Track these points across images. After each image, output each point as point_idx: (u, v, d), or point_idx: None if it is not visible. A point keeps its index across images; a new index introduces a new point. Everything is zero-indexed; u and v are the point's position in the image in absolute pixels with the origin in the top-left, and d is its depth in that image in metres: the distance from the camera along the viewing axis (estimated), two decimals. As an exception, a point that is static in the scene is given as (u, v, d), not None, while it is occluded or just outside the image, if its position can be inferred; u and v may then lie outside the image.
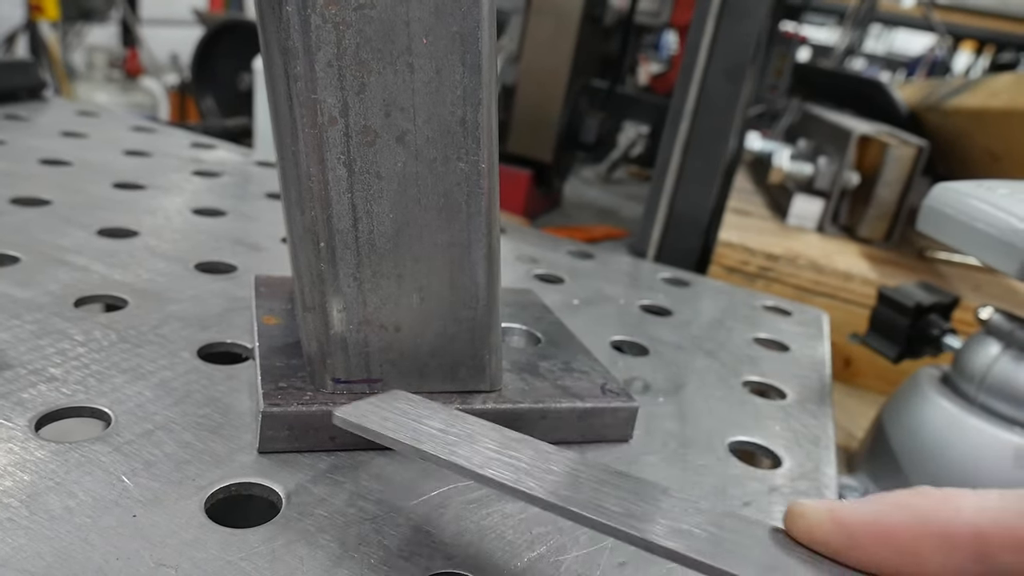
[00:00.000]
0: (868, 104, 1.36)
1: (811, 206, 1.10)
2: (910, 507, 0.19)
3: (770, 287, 0.94)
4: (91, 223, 0.49)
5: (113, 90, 2.48)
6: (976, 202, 0.52)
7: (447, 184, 0.28)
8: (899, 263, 1.02)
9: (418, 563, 0.25)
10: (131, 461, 0.27)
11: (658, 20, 1.47)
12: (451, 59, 0.27)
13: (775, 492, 0.33)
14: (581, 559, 0.26)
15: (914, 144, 1.01)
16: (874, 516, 0.20)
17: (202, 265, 0.46)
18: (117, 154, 0.67)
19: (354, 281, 0.29)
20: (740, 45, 0.68)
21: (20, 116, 0.74)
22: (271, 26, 0.25)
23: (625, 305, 0.53)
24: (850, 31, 2.26)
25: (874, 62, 4.06)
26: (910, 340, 0.64)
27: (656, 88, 1.78)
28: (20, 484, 0.25)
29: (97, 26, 2.75)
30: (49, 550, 0.23)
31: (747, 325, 0.53)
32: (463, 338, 0.31)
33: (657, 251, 0.74)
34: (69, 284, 0.40)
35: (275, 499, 0.27)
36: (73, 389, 0.31)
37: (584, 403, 0.33)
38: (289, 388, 0.30)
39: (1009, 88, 1.08)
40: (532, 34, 1.19)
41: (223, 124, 1.41)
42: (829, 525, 0.20)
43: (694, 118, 0.71)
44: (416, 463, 0.30)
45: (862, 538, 0.19)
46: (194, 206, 0.56)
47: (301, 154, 0.27)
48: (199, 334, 0.37)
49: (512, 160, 1.25)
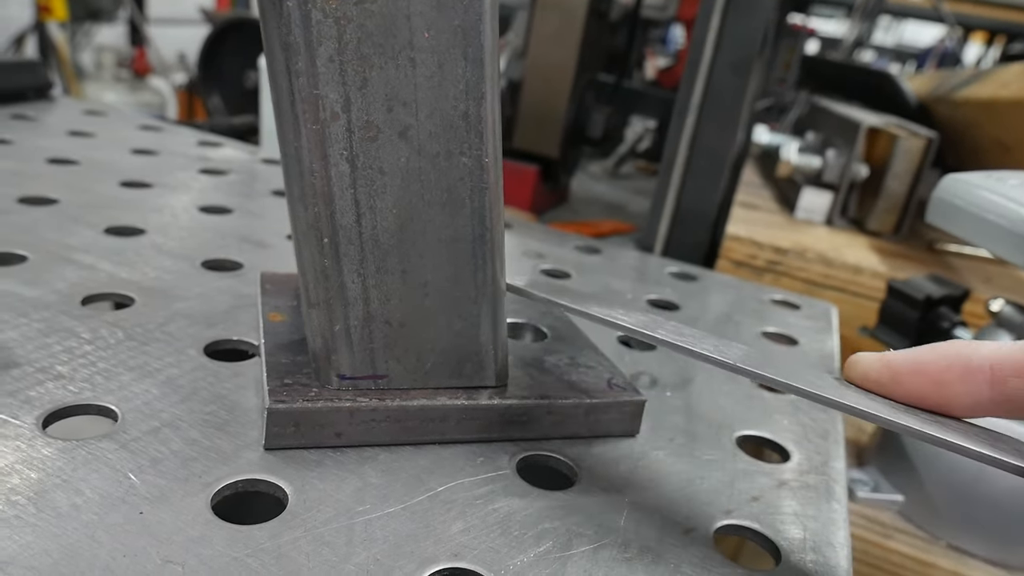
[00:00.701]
0: (877, 96, 1.35)
1: (820, 199, 1.09)
2: (940, 349, 0.24)
3: (778, 281, 0.93)
4: (98, 222, 0.49)
5: (122, 89, 2.49)
6: (986, 193, 0.51)
7: (450, 179, 0.28)
8: (909, 256, 1.01)
9: (424, 559, 0.25)
10: (138, 458, 0.27)
11: (665, 14, 1.47)
12: (453, 53, 0.26)
13: (784, 486, 0.33)
14: (587, 554, 0.26)
15: (923, 136, 1.01)
16: (913, 357, 0.25)
17: (209, 263, 0.46)
18: (124, 153, 0.67)
19: (358, 277, 0.29)
20: (747, 38, 0.67)
21: (28, 116, 0.75)
22: (272, 22, 0.25)
23: (632, 300, 0.53)
24: (859, 23, 2.24)
25: (883, 54, 4.04)
26: (920, 333, 0.64)
27: (663, 82, 1.78)
28: (27, 481, 0.25)
29: (105, 26, 2.77)
30: (56, 547, 0.23)
31: (755, 319, 0.53)
32: (468, 333, 0.31)
33: (664, 245, 0.74)
34: (76, 282, 0.40)
35: (281, 495, 0.27)
36: (80, 387, 0.31)
37: (591, 398, 0.33)
38: (295, 385, 0.30)
39: (1020, 78, 1.07)
40: (538, 29, 1.19)
41: (230, 122, 1.41)
42: (878, 365, 0.25)
43: (701, 112, 0.70)
44: (420, 458, 0.30)
45: (903, 374, 0.25)
46: (201, 204, 0.56)
47: (303, 150, 0.26)
48: (205, 331, 0.37)
49: (519, 156, 1.25)
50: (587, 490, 0.30)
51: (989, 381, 0.23)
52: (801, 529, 0.30)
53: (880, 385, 0.25)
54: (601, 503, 0.29)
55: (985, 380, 0.23)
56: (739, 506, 0.31)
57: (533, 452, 0.32)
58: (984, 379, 0.23)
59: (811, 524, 0.30)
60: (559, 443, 0.33)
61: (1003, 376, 0.23)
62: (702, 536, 0.28)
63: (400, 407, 0.30)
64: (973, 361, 0.24)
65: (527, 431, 0.33)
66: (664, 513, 0.29)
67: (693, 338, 0.29)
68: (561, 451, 0.32)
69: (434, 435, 0.31)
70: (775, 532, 0.29)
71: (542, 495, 0.29)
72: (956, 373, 0.24)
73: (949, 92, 1.21)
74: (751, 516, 0.30)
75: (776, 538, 0.29)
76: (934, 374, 0.24)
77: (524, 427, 0.32)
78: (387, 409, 0.30)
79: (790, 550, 0.29)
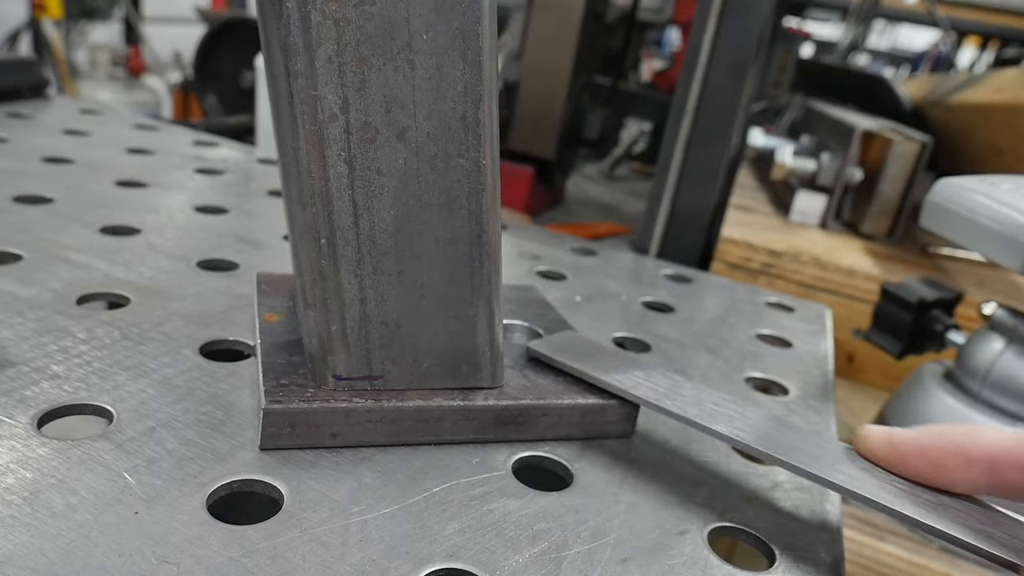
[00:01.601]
0: (872, 100, 1.36)
1: (814, 202, 1.10)
2: (945, 434, 0.26)
3: (773, 283, 0.93)
4: (93, 221, 0.49)
5: (116, 88, 2.48)
6: (979, 197, 0.52)
7: (448, 181, 0.28)
8: (902, 259, 1.02)
9: (420, 559, 0.25)
10: (133, 458, 0.27)
11: (661, 16, 1.47)
12: (452, 55, 0.27)
13: (777, 488, 0.33)
14: (583, 555, 0.26)
15: (917, 140, 1.01)
16: (916, 438, 0.27)
17: (204, 262, 0.46)
18: (120, 152, 0.67)
19: (355, 278, 0.29)
20: (743, 41, 0.68)
21: (23, 114, 0.75)
22: (271, 22, 0.25)
23: (627, 302, 0.53)
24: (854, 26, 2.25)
25: (878, 58, 4.06)
26: (913, 336, 0.64)
27: (659, 84, 1.78)
28: (22, 481, 0.25)
29: (100, 24, 2.76)
30: (51, 547, 0.23)
31: (750, 321, 0.53)
32: (465, 335, 0.31)
33: (659, 248, 0.74)
34: (71, 282, 0.40)
35: (277, 496, 0.27)
36: (75, 387, 0.31)
37: (586, 400, 0.33)
38: (291, 385, 0.30)
39: (1013, 83, 1.08)
40: (534, 31, 1.19)
41: (226, 122, 1.41)
42: (884, 443, 0.27)
43: (697, 114, 0.70)
44: (416, 459, 0.30)
45: (907, 454, 0.26)
46: (196, 204, 0.56)
47: (302, 151, 0.26)
48: (201, 331, 0.37)
49: (514, 157, 1.25)
50: (582, 491, 0.30)
51: (986, 472, 0.25)
52: (794, 531, 0.30)
53: (886, 463, 0.27)
54: (596, 504, 0.29)
55: (983, 471, 0.25)
56: (733, 508, 0.31)
57: (529, 453, 0.32)
58: (982, 470, 0.25)
59: (804, 526, 0.31)
60: (555, 444, 0.33)
61: (1000, 468, 0.25)
62: (696, 537, 0.29)
63: (396, 408, 0.30)
64: (973, 453, 0.25)
65: (523, 432, 0.33)
66: (659, 514, 0.30)
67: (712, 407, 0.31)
68: (557, 452, 0.33)
69: (430, 436, 0.31)
70: (769, 534, 0.30)
71: (537, 496, 0.29)
72: (956, 461, 0.26)
73: (943, 96, 1.22)
74: (745, 518, 0.30)
75: (770, 540, 0.29)
76: (936, 459, 0.26)
77: (520, 428, 0.32)
78: (383, 410, 0.30)
79: (784, 551, 0.29)
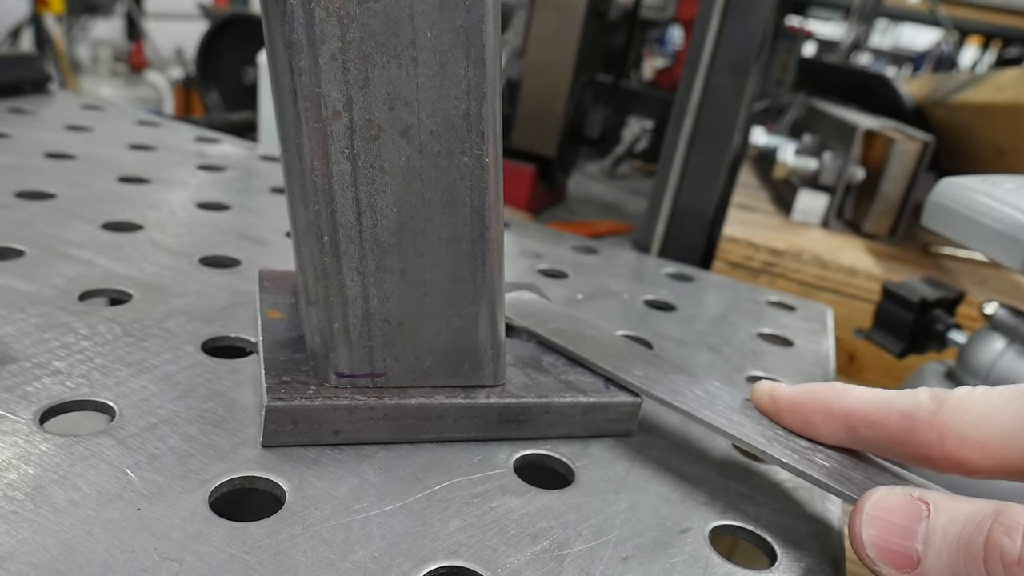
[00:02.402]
0: (874, 99, 1.36)
1: (816, 201, 1.09)
2: (814, 392, 0.29)
3: (774, 282, 0.93)
4: (96, 217, 0.49)
5: (118, 84, 2.48)
6: (981, 197, 0.52)
7: (451, 178, 0.28)
8: (904, 258, 1.02)
9: (421, 556, 0.25)
10: (135, 455, 0.27)
11: (663, 15, 1.47)
12: (455, 53, 0.27)
13: (778, 486, 0.33)
14: (584, 553, 0.27)
15: (919, 139, 1.01)
16: (792, 395, 0.30)
17: (206, 259, 0.46)
18: (122, 148, 0.67)
19: (358, 275, 0.29)
20: (745, 40, 0.68)
21: (25, 109, 0.75)
22: (275, 20, 0.25)
23: (629, 300, 0.53)
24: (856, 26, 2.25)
25: (880, 57, 4.05)
26: (914, 335, 0.64)
27: (661, 83, 1.78)
28: (25, 477, 0.25)
29: (102, 20, 2.76)
30: (54, 543, 0.23)
31: (751, 320, 0.53)
32: (467, 333, 0.31)
33: (661, 246, 0.74)
34: (73, 278, 0.40)
35: (279, 493, 0.27)
36: (77, 383, 0.31)
37: (587, 398, 0.33)
38: (293, 382, 0.30)
39: (1015, 83, 1.07)
40: (537, 28, 1.19)
41: (228, 118, 1.41)
42: (766, 397, 0.31)
43: (699, 113, 0.70)
44: (418, 456, 0.30)
45: (782, 408, 0.30)
46: (198, 200, 0.56)
47: (305, 148, 0.26)
48: (203, 328, 0.37)
49: (516, 155, 1.25)
50: (584, 489, 0.30)
51: (845, 427, 0.28)
52: (795, 529, 0.30)
53: (768, 414, 0.31)
54: (597, 502, 0.30)
55: (842, 426, 0.28)
56: (734, 506, 0.31)
57: (530, 451, 0.32)
58: (841, 425, 0.28)
59: (805, 524, 0.31)
60: (556, 442, 0.33)
61: (855, 424, 0.28)
62: (697, 535, 0.29)
63: (398, 405, 0.30)
64: (833, 409, 0.28)
65: (524, 430, 0.33)
66: (660, 512, 0.30)
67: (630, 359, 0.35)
68: (558, 450, 0.33)
69: (432, 433, 0.31)
70: (770, 532, 0.30)
71: (539, 494, 0.29)
72: (820, 417, 0.29)
73: (945, 96, 1.22)
74: (746, 516, 0.30)
75: (771, 538, 0.29)
76: (804, 414, 0.29)
77: (521, 426, 0.33)
78: (385, 407, 0.30)
79: (785, 549, 0.29)
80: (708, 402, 0.32)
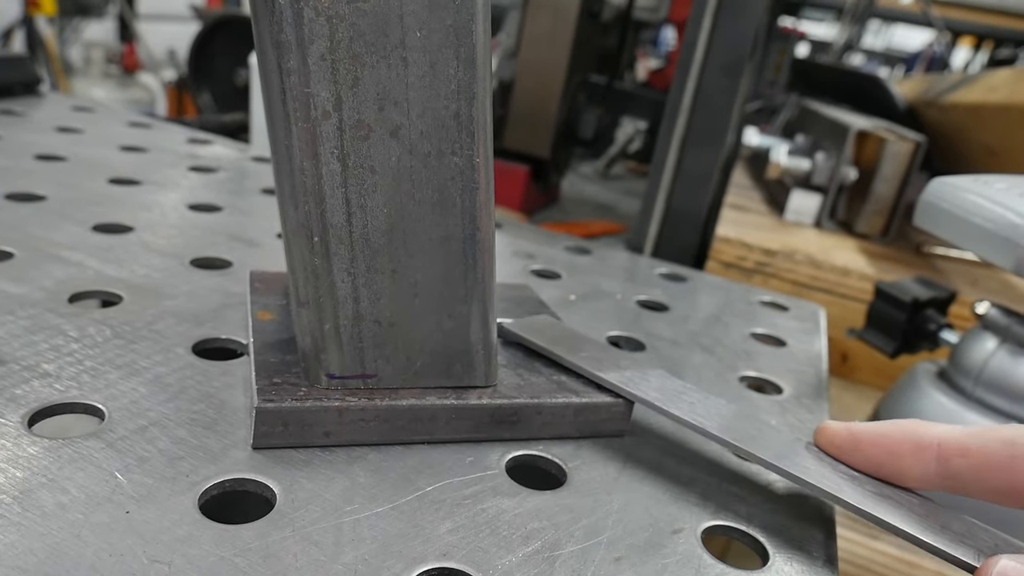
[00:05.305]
0: (866, 99, 1.36)
1: (809, 201, 1.10)
2: (900, 425, 0.28)
3: (767, 282, 0.94)
4: (86, 219, 0.49)
5: (110, 86, 2.47)
6: (973, 197, 0.52)
7: (441, 179, 0.28)
8: (896, 258, 1.02)
9: (412, 558, 0.25)
10: (124, 457, 0.27)
11: (656, 16, 1.47)
12: (445, 53, 0.26)
13: (771, 487, 0.33)
14: (576, 554, 0.26)
15: (912, 139, 1.01)
16: (874, 428, 0.28)
17: (197, 261, 0.45)
18: (113, 150, 0.67)
19: (348, 276, 0.28)
20: (738, 41, 0.68)
21: (15, 111, 0.74)
22: (264, 19, 0.25)
23: (622, 300, 0.53)
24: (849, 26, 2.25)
25: (873, 58, 4.07)
26: (907, 335, 0.64)
27: (654, 84, 1.78)
28: (12, 480, 0.25)
29: (94, 21, 2.75)
30: (41, 547, 0.23)
31: (744, 320, 0.53)
32: (458, 333, 0.31)
33: (654, 247, 0.74)
34: (63, 280, 0.40)
35: (269, 495, 0.27)
36: (67, 385, 0.31)
37: (579, 398, 0.33)
38: (283, 384, 0.30)
39: (1007, 83, 1.08)
40: (530, 29, 1.19)
41: (220, 120, 1.40)
42: (844, 433, 0.29)
43: (692, 114, 0.70)
44: (409, 458, 0.30)
45: (862, 442, 0.28)
46: (190, 202, 0.56)
47: (294, 148, 0.26)
48: (194, 330, 0.37)
49: (510, 156, 1.25)
50: (576, 490, 0.30)
51: (936, 458, 0.27)
52: (788, 530, 0.30)
53: (843, 452, 0.29)
54: (590, 503, 0.29)
55: (933, 456, 0.27)
56: (727, 506, 0.31)
57: (522, 452, 0.32)
58: (932, 455, 0.27)
59: (798, 525, 0.31)
60: (548, 443, 0.33)
61: (948, 455, 0.26)
62: (690, 536, 0.29)
63: (389, 407, 0.30)
64: (924, 439, 0.27)
65: (516, 431, 0.33)
66: (652, 513, 0.30)
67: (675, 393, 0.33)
68: (550, 451, 0.33)
69: (423, 435, 0.31)
70: (763, 533, 0.30)
71: (531, 495, 0.29)
72: (908, 448, 0.27)
73: (937, 96, 1.22)
74: (739, 516, 0.30)
75: (764, 539, 0.29)
76: (890, 446, 0.28)
77: (513, 427, 0.32)
78: (376, 409, 0.30)
79: (777, 550, 0.29)
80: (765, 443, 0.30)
